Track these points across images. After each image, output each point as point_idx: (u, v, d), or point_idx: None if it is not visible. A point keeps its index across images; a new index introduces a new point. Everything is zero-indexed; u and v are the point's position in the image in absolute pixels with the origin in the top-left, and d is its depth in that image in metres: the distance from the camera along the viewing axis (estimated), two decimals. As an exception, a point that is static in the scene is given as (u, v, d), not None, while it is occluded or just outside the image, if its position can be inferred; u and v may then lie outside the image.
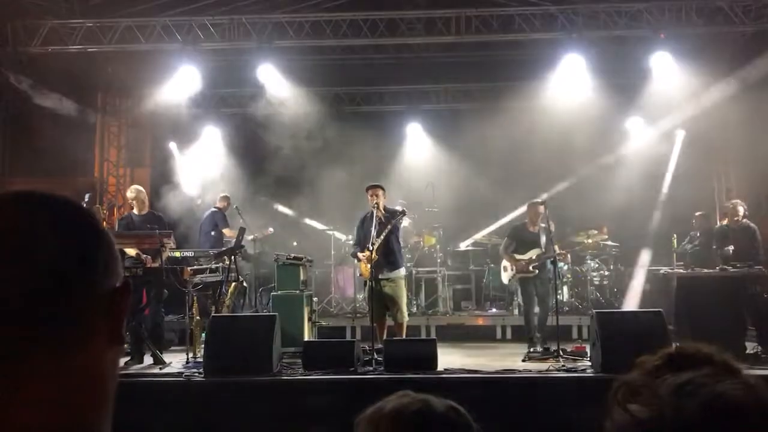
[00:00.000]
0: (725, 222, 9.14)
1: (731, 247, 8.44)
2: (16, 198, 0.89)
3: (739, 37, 11.12)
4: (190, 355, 7.49)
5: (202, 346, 7.29)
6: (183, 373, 6.92)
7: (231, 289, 8.49)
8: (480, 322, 10.92)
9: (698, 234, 10.11)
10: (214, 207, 10.85)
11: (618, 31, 10.59)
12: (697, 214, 10.43)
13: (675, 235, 9.76)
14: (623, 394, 0.93)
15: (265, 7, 11.10)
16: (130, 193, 8.72)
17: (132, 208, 8.62)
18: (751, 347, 8.07)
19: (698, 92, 10.78)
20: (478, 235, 12.38)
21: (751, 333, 8.36)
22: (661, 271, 9.19)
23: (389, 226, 7.94)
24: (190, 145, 13.33)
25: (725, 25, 10.34)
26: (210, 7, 11.00)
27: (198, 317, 8.01)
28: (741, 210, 8.79)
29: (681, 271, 8.72)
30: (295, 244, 11.82)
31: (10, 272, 0.80)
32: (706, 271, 8.51)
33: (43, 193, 0.90)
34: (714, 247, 9.00)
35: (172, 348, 8.85)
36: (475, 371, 6.89)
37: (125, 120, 13.56)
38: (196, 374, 6.79)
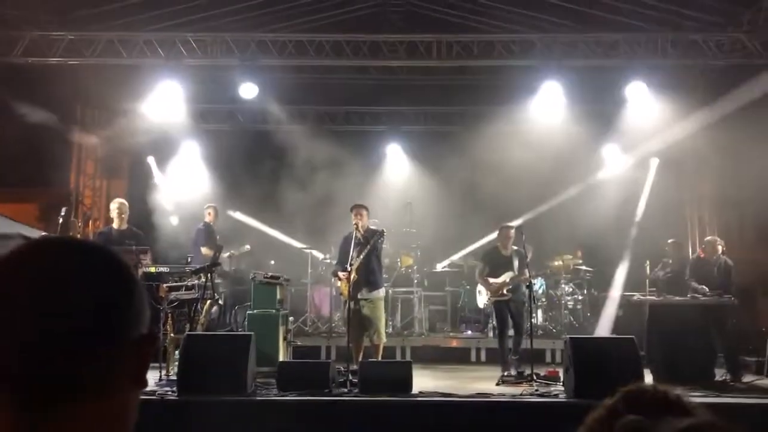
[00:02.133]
0: (703, 256, 9.30)
1: (706, 288, 8.59)
2: (54, 246, 0.92)
3: (713, 69, 11.40)
4: (164, 372, 7.43)
5: (176, 364, 7.23)
6: (156, 391, 6.85)
7: (206, 307, 8.44)
8: (455, 344, 10.96)
9: (671, 261, 10.28)
10: (203, 222, 10.73)
11: (595, 61, 10.81)
12: (669, 241, 10.60)
13: (648, 262, 9.92)
14: None
15: (248, 25, 11.15)
16: (113, 205, 8.66)
17: (112, 222, 8.56)
18: (720, 374, 8.21)
19: (672, 122, 11.02)
20: (455, 257, 12.47)
21: (720, 361, 8.51)
22: (634, 297, 9.33)
23: (368, 246, 7.98)
24: (169, 159, 13.27)
25: (699, 58, 10.60)
26: (193, 23, 11.04)
27: (173, 334, 7.95)
28: (719, 248, 8.97)
29: (653, 297, 8.87)
30: (272, 262, 11.79)
31: (52, 323, 0.84)
32: (677, 298, 8.67)
33: (80, 242, 0.95)
34: (687, 278, 9.15)
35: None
36: (450, 394, 6.90)
37: (104, 132, 13.46)
38: (170, 392, 6.73)
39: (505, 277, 8.81)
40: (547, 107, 11.26)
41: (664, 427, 0.95)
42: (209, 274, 7.88)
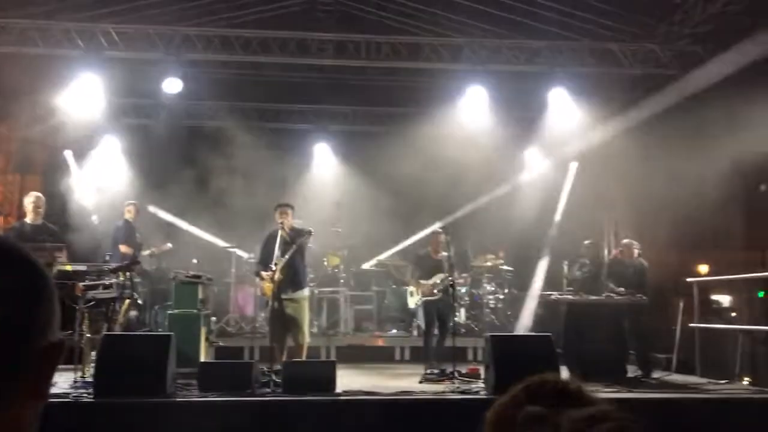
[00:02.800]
0: (619, 256, 9.67)
1: (622, 289, 8.94)
2: None
3: (628, 78, 11.89)
4: (79, 374, 7.17)
5: (93, 365, 7.00)
6: (70, 393, 6.61)
7: (125, 307, 8.21)
8: (380, 343, 11.05)
9: (587, 261, 10.64)
10: (123, 219, 10.40)
11: (519, 66, 11.10)
12: (586, 242, 10.96)
13: (566, 262, 10.26)
14: (525, 424, 1.02)
15: (173, 18, 10.88)
16: (28, 198, 8.26)
17: (25, 216, 8.18)
18: (632, 370, 8.59)
19: (590, 128, 11.43)
20: (382, 256, 12.55)
21: (632, 358, 8.90)
22: (552, 296, 9.63)
23: (294, 246, 7.93)
24: (88, 154, 12.81)
25: (615, 67, 11.04)
26: (115, 15, 10.69)
27: (89, 335, 7.68)
28: (636, 250, 9.34)
29: (570, 297, 9.17)
30: (195, 261, 11.54)
31: None
32: (593, 297, 9.00)
33: None
34: (603, 278, 9.50)
35: (59, 367, 8.41)
36: (373, 393, 6.95)
37: (16, 125, 12.86)
38: (85, 395, 6.51)
39: (437, 278, 8.98)
40: (472, 111, 11.46)
41: (564, 417, 1.00)
42: (128, 273, 7.67)
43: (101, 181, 12.48)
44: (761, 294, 10.07)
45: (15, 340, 0.79)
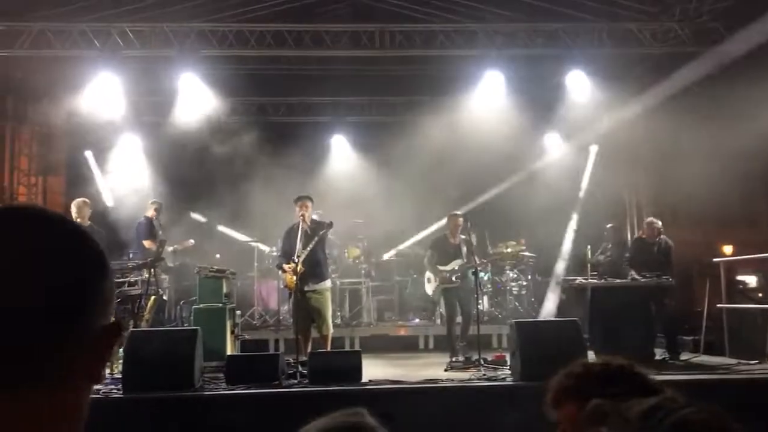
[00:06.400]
0: (644, 236, 9.56)
1: (633, 273, 8.85)
2: (17, 215, 0.82)
3: (648, 58, 11.73)
4: (108, 370, 7.25)
5: (120, 361, 7.07)
6: (100, 389, 6.68)
7: (150, 303, 8.28)
8: (403, 332, 11.04)
9: (610, 245, 10.56)
10: (144, 216, 10.49)
11: (535, 49, 10.99)
12: (608, 226, 10.89)
13: (589, 246, 10.16)
14: (592, 417, 1.00)
15: (187, 15, 10.90)
16: (73, 207, 8.40)
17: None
18: (659, 353, 8.51)
19: (610, 109, 11.29)
20: (402, 246, 12.53)
21: (660, 340, 8.81)
22: (576, 281, 9.55)
23: (315, 238, 7.94)
24: (108, 153, 12.91)
25: (635, 47, 10.89)
26: (130, 14, 10.72)
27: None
28: (658, 229, 9.23)
29: (595, 281, 9.09)
30: (218, 256, 11.62)
31: (4, 302, 0.75)
32: (618, 281, 8.91)
33: (49, 214, 0.83)
34: (626, 259, 9.42)
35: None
36: (400, 382, 6.95)
37: (38, 127, 13.00)
38: (114, 390, 6.57)
39: (454, 264, 8.92)
40: (489, 97, 11.38)
41: (630, 409, 0.98)
42: (152, 269, 7.72)
43: (122, 180, 12.55)
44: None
45: (72, 321, 0.79)
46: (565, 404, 1.68)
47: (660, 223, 9.27)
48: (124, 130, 12.83)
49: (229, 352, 8.05)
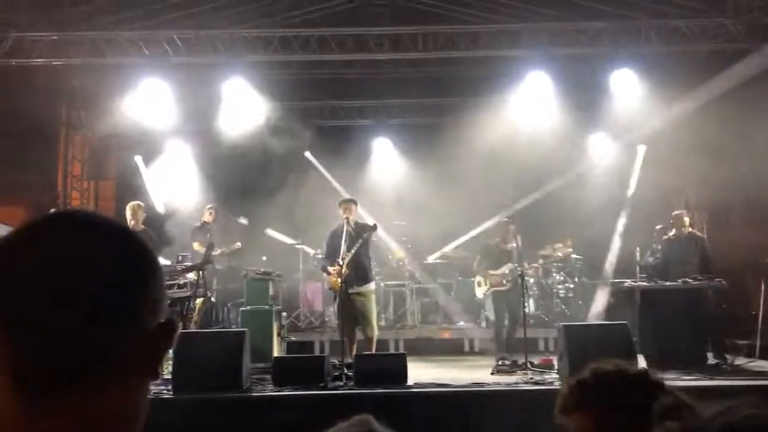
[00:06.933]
0: (672, 232, 9.31)
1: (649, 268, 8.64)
2: (72, 221, 0.85)
3: (697, 55, 11.46)
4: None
5: (170, 362, 7.20)
6: (150, 390, 6.81)
7: (199, 305, 8.42)
8: (447, 335, 11.00)
9: (659, 247, 10.32)
10: (201, 221, 10.73)
11: (580, 49, 10.84)
12: (657, 227, 10.64)
13: (638, 248, 9.95)
14: (663, 413, 1.00)
15: (232, 21, 11.09)
16: (128, 211, 8.60)
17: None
18: (712, 357, 8.28)
19: (658, 109, 11.07)
20: (446, 249, 12.49)
21: (712, 344, 8.57)
22: (625, 284, 9.37)
23: (360, 240, 7.98)
24: (157, 158, 13.20)
25: (683, 44, 10.65)
26: (177, 21, 10.95)
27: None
28: (686, 220, 8.99)
29: (644, 284, 8.90)
30: (264, 258, 11.76)
31: (65, 304, 0.78)
32: (668, 283, 8.71)
33: (101, 218, 0.86)
34: (657, 257, 9.18)
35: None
36: (445, 385, 6.92)
37: (90, 133, 13.37)
38: (165, 391, 6.71)
39: (505, 268, 8.88)
40: (533, 97, 11.28)
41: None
42: (201, 272, 7.86)
43: (171, 184, 12.82)
44: None
45: (129, 320, 0.82)
46: (576, 413, 1.63)
47: (688, 213, 9.01)
48: (173, 136, 13.10)
49: (275, 354, 8.15)
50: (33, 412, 0.79)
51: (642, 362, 7.53)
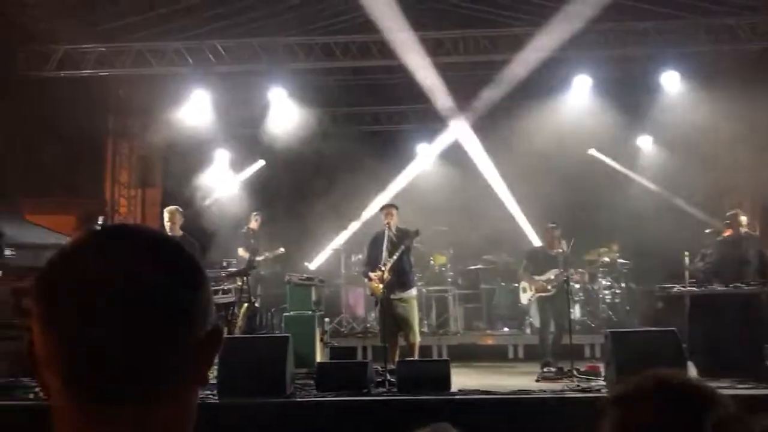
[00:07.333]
0: (728, 233, 9.02)
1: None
2: (122, 235, 0.87)
3: (748, 54, 11.13)
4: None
5: (215, 367, 7.28)
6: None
7: (243, 310, 8.50)
8: (491, 341, 10.88)
9: (709, 251, 10.03)
10: (247, 227, 10.88)
11: (626, 50, 10.63)
12: (707, 231, 10.37)
13: (687, 253, 9.69)
14: (717, 425, 0.96)
15: (274, 29, 11.21)
16: (165, 214, 8.70)
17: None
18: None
19: (707, 109, 10.78)
20: (488, 254, 12.36)
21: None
22: (674, 289, 9.13)
23: (402, 246, 7.94)
24: (202, 165, 13.40)
25: (733, 43, 10.36)
26: (220, 30, 11.13)
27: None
28: (743, 219, 8.70)
29: (694, 289, 8.66)
30: (306, 264, 11.83)
31: (121, 317, 0.80)
32: (720, 288, 8.44)
33: (149, 232, 0.89)
34: (706, 262, 8.90)
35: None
36: (490, 392, 6.83)
37: (136, 141, 13.65)
38: (210, 396, 6.77)
39: (550, 274, 8.75)
40: (579, 100, 11.12)
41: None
42: (245, 278, 7.93)
43: (215, 191, 13.00)
44: None
45: (179, 329, 0.84)
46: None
47: (743, 212, 8.72)
48: (217, 143, 13.29)
49: (318, 359, 8.16)
50: (91, 417, 0.81)
51: (692, 369, 7.32)
